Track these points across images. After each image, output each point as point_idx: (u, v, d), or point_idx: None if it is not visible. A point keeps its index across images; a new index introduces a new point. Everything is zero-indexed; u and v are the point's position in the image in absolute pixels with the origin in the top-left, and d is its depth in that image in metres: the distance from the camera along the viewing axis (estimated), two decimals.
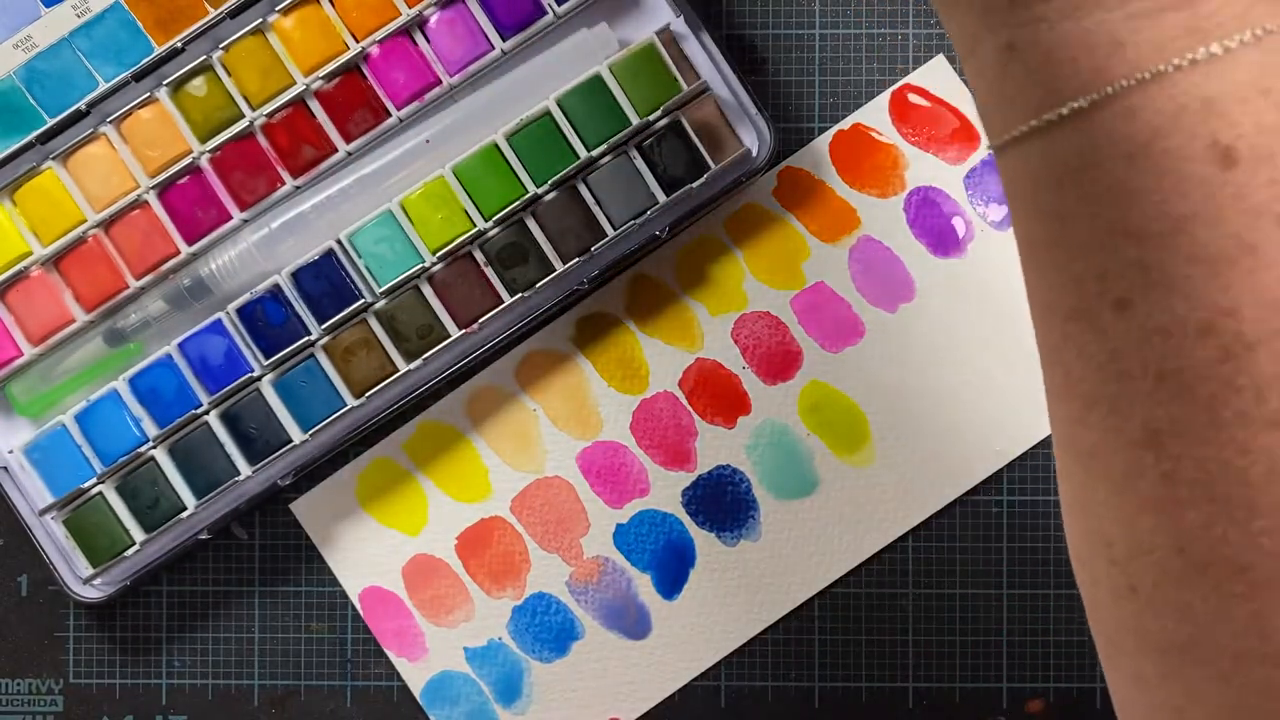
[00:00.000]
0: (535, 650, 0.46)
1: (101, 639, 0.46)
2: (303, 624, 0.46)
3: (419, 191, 0.44)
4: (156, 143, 0.44)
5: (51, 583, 0.46)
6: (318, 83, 0.44)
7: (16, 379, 0.45)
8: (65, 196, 0.44)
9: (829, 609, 0.46)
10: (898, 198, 0.46)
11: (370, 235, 0.44)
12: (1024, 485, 0.46)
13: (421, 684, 0.46)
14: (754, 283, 0.46)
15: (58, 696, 0.46)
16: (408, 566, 0.46)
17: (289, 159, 0.44)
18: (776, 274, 0.46)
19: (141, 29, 0.44)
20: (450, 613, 0.46)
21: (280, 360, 0.44)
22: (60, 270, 0.44)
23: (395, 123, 0.44)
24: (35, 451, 0.44)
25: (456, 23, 0.44)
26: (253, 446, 0.44)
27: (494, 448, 0.46)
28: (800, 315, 0.46)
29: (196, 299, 0.44)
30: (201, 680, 0.46)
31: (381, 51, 0.44)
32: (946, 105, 0.46)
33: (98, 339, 0.44)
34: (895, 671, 0.45)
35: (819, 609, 0.46)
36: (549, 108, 0.44)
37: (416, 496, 0.46)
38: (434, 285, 0.44)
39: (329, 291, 0.44)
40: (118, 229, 0.44)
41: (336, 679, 0.46)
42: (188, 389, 0.44)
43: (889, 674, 0.45)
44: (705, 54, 0.44)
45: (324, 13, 0.44)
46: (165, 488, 0.44)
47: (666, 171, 0.44)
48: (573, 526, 0.46)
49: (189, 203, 0.44)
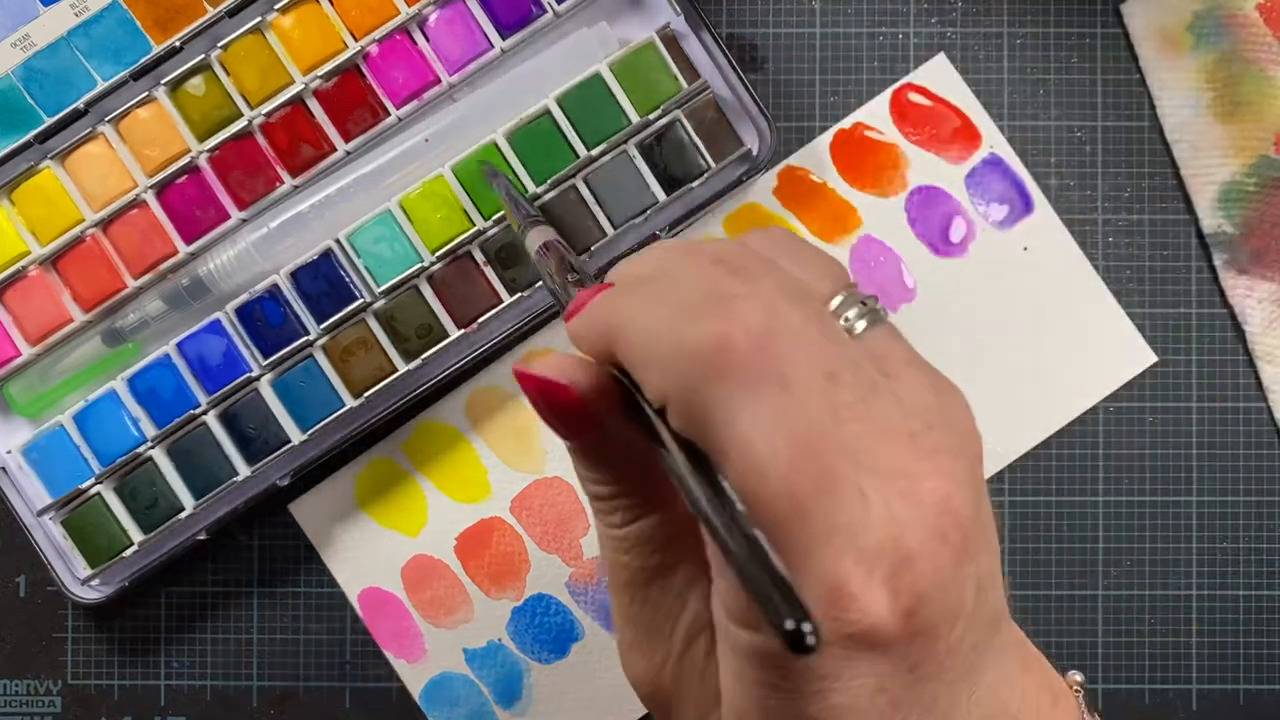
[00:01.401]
0: (535, 651, 0.45)
1: (100, 640, 0.46)
2: (301, 625, 0.46)
3: (418, 191, 0.44)
4: (155, 142, 0.44)
5: (50, 583, 0.45)
6: (316, 82, 0.44)
7: (15, 379, 0.45)
8: (63, 196, 0.44)
9: None
10: (898, 197, 0.46)
11: (369, 235, 0.44)
12: (1024, 486, 0.45)
13: (421, 685, 0.46)
14: None
15: (56, 697, 0.46)
16: (407, 567, 0.46)
17: (287, 158, 0.44)
18: None
19: (140, 28, 0.44)
20: (450, 614, 0.46)
21: (279, 360, 0.44)
22: (58, 270, 0.44)
23: (394, 122, 0.44)
24: (33, 452, 0.44)
25: (456, 22, 0.44)
26: (251, 447, 0.44)
27: (494, 448, 0.46)
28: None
29: (195, 299, 0.44)
30: (200, 681, 0.46)
31: (380, 50, 0.44)
32: (947, 104, 0.46)
33: (96, 339, 0.44)
34: None
35: None
36: (548, 106, 0.43)
37: (416, 497, 0.46)
38: (433, 285, 0.44)
39: (328, 291, 0.44)
40: (116, 228, 0.44)
41: (335, 680, 0.46)
42: (186, 389, 0.44)
43: None
44: (705, 53, 0.44)
45: (323, 11, 0.43)
46: (164, 488, 0.44)
47: (666, 171, 0.44)
48: (573, 527, 0.46)
49: (187, 202, 0.44)
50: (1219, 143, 0.45)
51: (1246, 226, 0.45)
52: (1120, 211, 0.46)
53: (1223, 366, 0.45)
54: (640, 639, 0.26)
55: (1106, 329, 0.46)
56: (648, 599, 0.26)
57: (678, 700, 0.25)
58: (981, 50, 0.46)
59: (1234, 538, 0.45)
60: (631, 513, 0.26)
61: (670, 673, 0.25)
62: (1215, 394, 0.45)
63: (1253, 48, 0.45)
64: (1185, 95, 0.45)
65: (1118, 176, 0.46)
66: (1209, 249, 0.45)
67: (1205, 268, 0.46)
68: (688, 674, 0.25)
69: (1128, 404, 0.45)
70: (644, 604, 0.26)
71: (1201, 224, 0.45)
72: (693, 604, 0.25)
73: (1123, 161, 0.46)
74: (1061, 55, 0.46)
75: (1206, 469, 0.45)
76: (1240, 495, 0.45)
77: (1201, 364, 0.45)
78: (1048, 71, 0.46)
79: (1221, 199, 0.45)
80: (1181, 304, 0.46)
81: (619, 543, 0.26)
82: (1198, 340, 0.46)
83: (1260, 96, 0.45)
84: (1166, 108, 0.45)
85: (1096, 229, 0.46)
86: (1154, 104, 0.46)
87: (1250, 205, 0.45)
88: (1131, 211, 0.46)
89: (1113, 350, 0.45)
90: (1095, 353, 0.45)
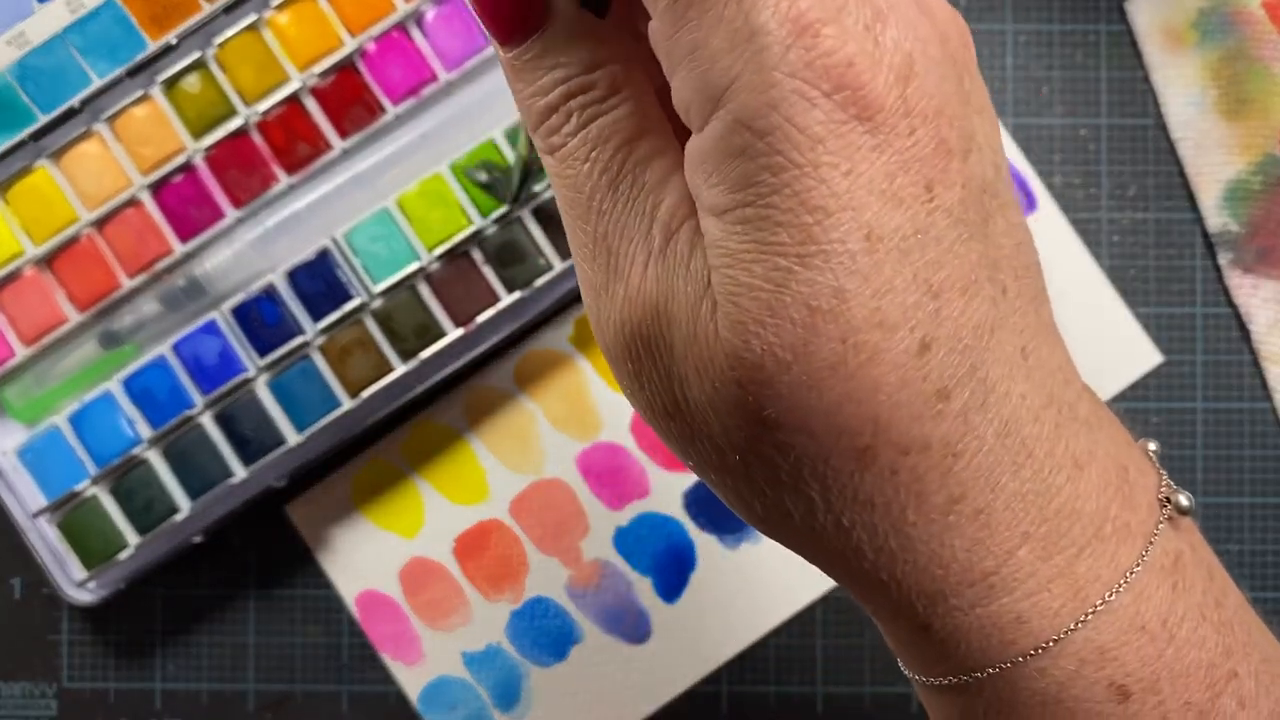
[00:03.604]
0: (534, 655, 0.45)
1: (95, 642, 0.46)
2: (298, 628, 0.46)
3: (415, 189, 0.43)
4: (150, 140, 0.43)
5: (45, 586, 0.45)
6: (313, 79, 0.43)
7: (10, 383, 0.44)
8: (58, 195, 0.43)
9: (832, 612, 0.45)
10: None
11: (366, 233, 0.43)
12: None
13: (418, 689, 0.45)
14: None
15: (51, 700, 0.46)
16: (404, 570, 0.45)
17: (284, 156, 0.43)
18: None
19: (135, 25, 0.43)
20: (447, 616, 0.45)
21: (275, 361, 0.43)
22: (53, 270, 0.44)
23: (391, 119, 0.44)
24: (28, 453, 0.44)
25: (453, 18, 0.43)
26: (247, 448, 0.44)
27: (492, 449, 0.45)
28: None
29: (191, 299, 0.44)
30: (196, 684, 0.46)
31: (377, 47, 0.43)
32: None
33: (92, 342, 0.44)
34: (899, 676, 0.45)
35: (821, 612, 0.45)
36: None
37: (413, 499, 0.45)
38: (431, 284, 0.44)
39: (324, 291, 0.43)
40: (111, 228, 0.44)
41: (332, 684, 0.45)
42: (182, 390, 0.43)
43: (892, 678, 0.45)
44: None
45: (319, 8, 0.43)
46: (159, 490, 0.44)
47: None
48: (572, 529, 0.45)
49: (183, 201, 0.44)
50: (1224, 141, 0.45)
51: (1252, 225, 0.45)
52: (1125, 210, 0.45)
53: (1228, 366, 0.45)
54: (613, 264, 0.23)
55: (1111, 329, 0.45)
56: (616, 202, 0.22)
57: (666, 306, 0.22)
58: (985, 47, 0.45)
59: (1239, 538, 0.45)
60: (594, 108, 0.22)
61: (653, 276, 0.22)
62: (1220, 394, 0.45)
63: (1258, 45, 0.45)
64: (1190, 93, 0.45)
65: (1122, 175, 0.45)
66: (1214, 248, 0.45)
67: (1210, 267, 0.45)
68: (672, 268, 0.22)
69: (1132, 404, 0.45)
70: (613, 212, 0.22)
71: (1206, 223, 0.45)
72: (670, 193, 0.22)
73: (1127, 160, 0.45)
74: (1065, 53, 0.46)
75: (1212, 469, 0.45)
76: (1245, 496, 0.45)
77: (1207, 364, 0.45)
78: (1052, 69, 0.45)
79: (1227, 197, 0.45)
80: (1186, 303, 0.45)
81: (581, 147, 0.22)
82: (1203, 340, 0.45)
83: (1265, 94, 0.45)
84: (1171, 105, 0.45)
85: (1101, 227, 0.45)
86: (1158, 102, 0.45)
87: (1256, 203, 0.45)
88: (1136, 210, 0.45)
89: (1118, 350, 0.45)
90: (1100, 352, 0.45)
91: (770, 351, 0.20)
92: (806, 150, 0.19)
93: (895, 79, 0.19)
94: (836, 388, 0.20)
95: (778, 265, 0.20)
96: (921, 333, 0.20)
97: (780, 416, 0.20)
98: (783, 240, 0.20)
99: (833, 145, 0.19)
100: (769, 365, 0.20)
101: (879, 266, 0.20)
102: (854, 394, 0.20)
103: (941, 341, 0.20)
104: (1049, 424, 0.22)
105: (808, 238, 0.19)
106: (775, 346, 0.20)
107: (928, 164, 0.20)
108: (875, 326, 0.20)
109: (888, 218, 0.19)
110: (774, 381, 0.20)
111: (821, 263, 0.19)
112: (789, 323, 0.20)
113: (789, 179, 0.19)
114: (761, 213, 0.20)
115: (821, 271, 0.19)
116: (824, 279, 0.19)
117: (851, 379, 0.20)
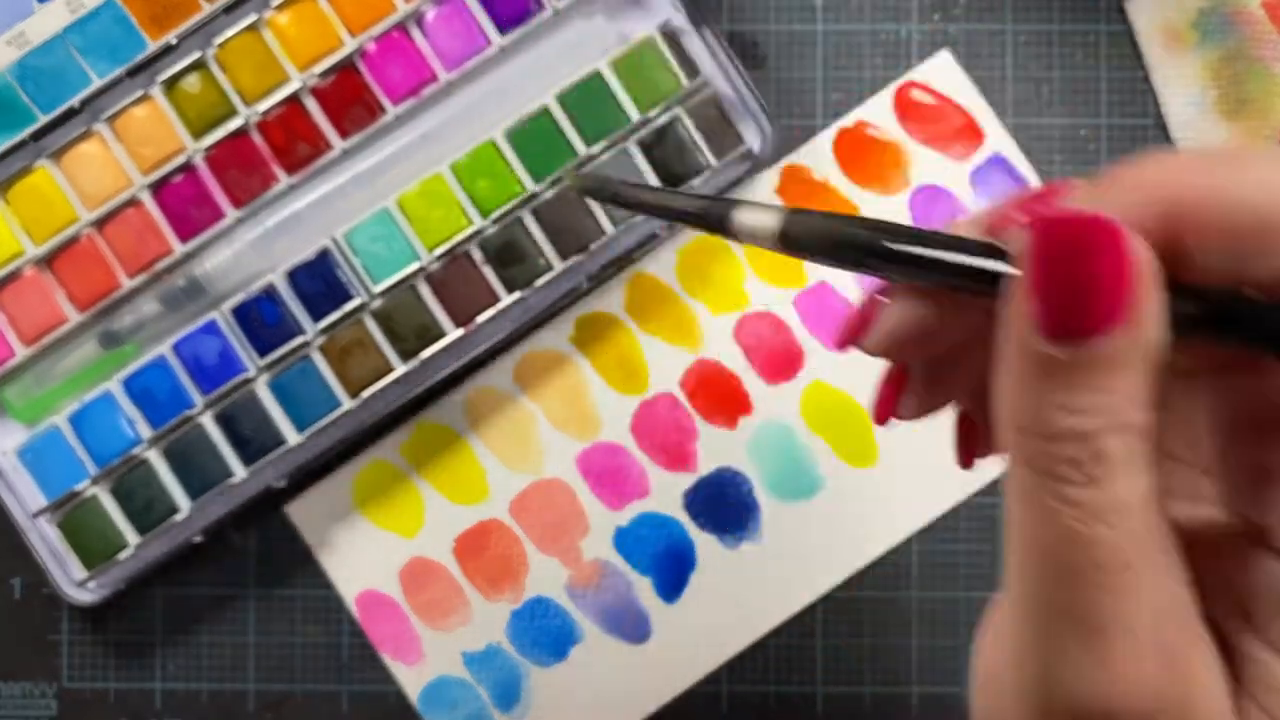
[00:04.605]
0: (534, 655, 0.45)
1: (95, 643, 0.46)
2: (298, 628, 0.46)
3: (416, 189, 0.43)
4: (150, 140, 0.43)
5: (45, 586, 0.45)
6: (313, 79, 0.43)
7: (10, 384, 0.44)
8: (58, 195, 0.43)
9: (832, 612, 0.45)
10: (902, 195, 0.45)
11: (366, 233, 0.43)
12: None
13: (418, 689, 0.45)
14: (756, 281, 0.45)
15: (51, 700, 0.46)
16: (404, 570, 0.45)
17: (284, 156, 0.43)
18: (779, 273, 0.45)
19: (135, 25, 0.43)
20: (447, 616, 0.45)
21: (275, 361, 0.43)
22: (53, 270, 0.44)
23: (391, 119, 0.44)
24: (28, 453, 0.44)
25: (453, 18, 0.43)
26: (247, 448, 0.44)
27: (492, 449, 0.45)
28: (803, 315, 0.45)
29: (191, 299, 0.44)
30: (196, 685, 0.46)
31: (377, 47, 0.43)
32: (951, 102, 0.45)
33: (92, 343, 0.44)
34: (899, 676, 0.45)
35: (822, 612, 0.45)
36: (548, 104, 0.43)
37: (413, 499, 0.45)
38: (431, 284, 0.44)
39: (324, 291, 0.43)
40: (111, 228, 0.44)
41: (332, 683, 0.45)
42: (182, 390, 0.43)
43: (893, 678, 0.45)
44: (706, 49, 0.43)
45: (319, 8, 0.43)
46: (159, 490, 0.44)
47: (667, 168, 0.43)
48: (572, 529, 0.45)
49: (183, 201, 0.44)
50: (1224, 141, 0.45)
51: None
52: None
53: None
54: (1083, 635, 0.19)
55: None
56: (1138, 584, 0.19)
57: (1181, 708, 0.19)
58: (985, 47, 0.45)
59: None
60: (1135, 459, 0.18)
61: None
62: None
63: (1258, 45, 0.45)
64: (1190, 93, 0.45)
65: None
66: None
67: None
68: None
69: None
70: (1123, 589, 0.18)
71: None
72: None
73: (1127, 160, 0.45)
74: (1066, 52, 0.45)
75: None
76: None
77: None
78: (1052, 69, 0.45)
79: None
80: None
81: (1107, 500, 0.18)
82: None
83: (1265, 94, 0.45)
84: (1171, 105, 0.45)
85: None
86: (1159, 102, 0.45)
87: None
88: None
89: None
90: None
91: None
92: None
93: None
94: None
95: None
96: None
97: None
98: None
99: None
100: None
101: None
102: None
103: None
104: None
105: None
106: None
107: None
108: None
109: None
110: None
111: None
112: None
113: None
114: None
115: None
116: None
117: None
